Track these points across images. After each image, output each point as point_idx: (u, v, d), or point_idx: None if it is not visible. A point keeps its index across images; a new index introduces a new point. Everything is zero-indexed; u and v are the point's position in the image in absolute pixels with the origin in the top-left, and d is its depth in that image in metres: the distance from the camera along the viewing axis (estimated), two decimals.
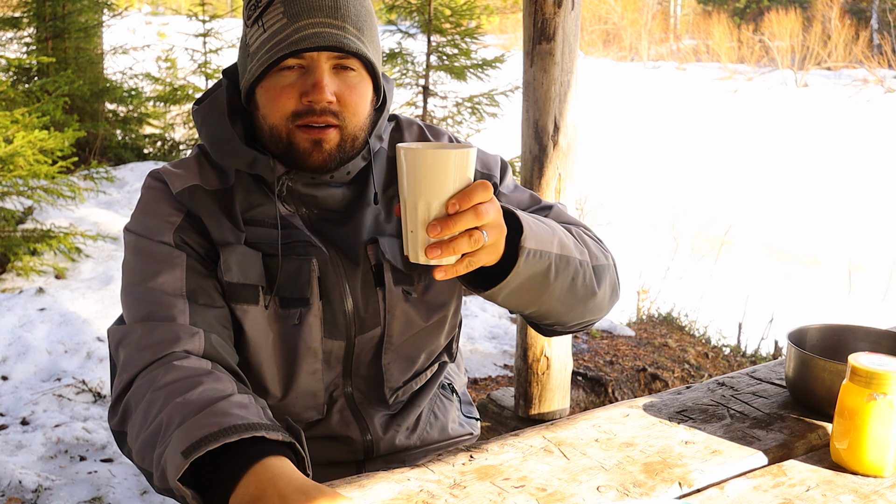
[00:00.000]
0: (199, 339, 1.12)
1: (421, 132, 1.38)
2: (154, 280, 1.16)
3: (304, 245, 1.23)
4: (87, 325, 3.70)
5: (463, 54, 5.71)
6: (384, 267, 1.26)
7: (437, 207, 1.01)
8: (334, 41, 1.15)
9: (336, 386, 1.27)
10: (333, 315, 1.24)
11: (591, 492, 1.01)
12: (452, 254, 1.02)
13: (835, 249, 6.73)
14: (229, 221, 1.22)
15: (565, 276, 1.19)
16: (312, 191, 1.25)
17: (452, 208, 1.00)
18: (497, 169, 1.38)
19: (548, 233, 1.16)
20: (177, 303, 1.15)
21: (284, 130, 1.19)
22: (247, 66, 1.22)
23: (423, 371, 1.34)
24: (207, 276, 1.20)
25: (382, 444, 1.29)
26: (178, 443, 0.93)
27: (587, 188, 6.50)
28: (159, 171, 1.26)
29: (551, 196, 2.59)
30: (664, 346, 4.03)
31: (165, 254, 1.18)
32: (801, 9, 21.34)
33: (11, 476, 2.56)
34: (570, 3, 2.51)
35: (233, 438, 0.91)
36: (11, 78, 6.28)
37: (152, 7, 27.93)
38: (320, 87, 1.15)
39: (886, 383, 1.03)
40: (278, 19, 1.16)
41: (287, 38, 1.15)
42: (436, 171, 1.00)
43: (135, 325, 1.14)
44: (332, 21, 1.16)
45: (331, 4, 1.16)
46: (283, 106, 1.18)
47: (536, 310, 1.22)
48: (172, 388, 1.02)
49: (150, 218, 1.22)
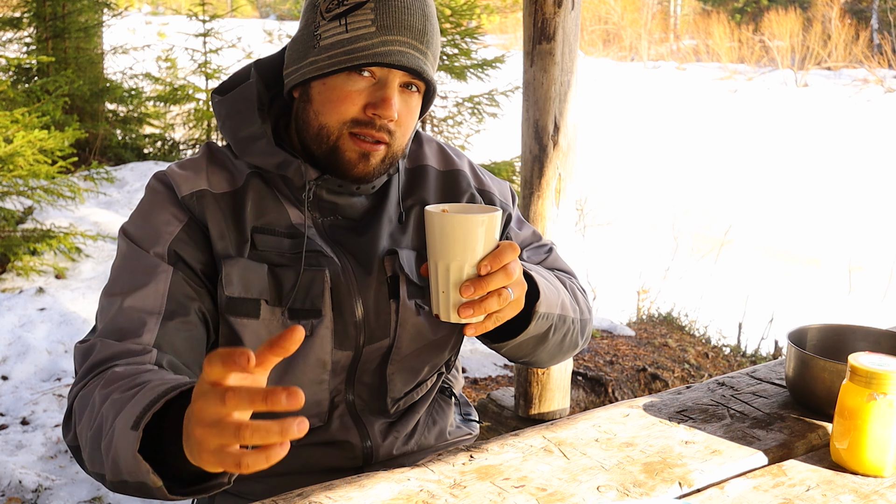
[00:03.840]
0: (151, 356, 1.09)
1: (441, 151, 1.38)
2: (133, 296, 1.14)
3: (316, 255, 1.21)
4: (87, 325, 3.70)
5: (463, 54, 5.71)
6: (400, 279, 1.25)
7: (468, 269, 1.05)
8: (416, 65, 1.16)
9: (338, 392, 1.26)
10: (344, 326, 1.22)
11: (591, 492, 1.01)
12: (483, 313, 1.06)
13: (835, 249, 6.73)
14: (235, 229, 1.20)
15: (560, 333, 1.26)
16: (334, 198, 1.24)
17: (485, 270, 1.04)
18: (509, 199, 1.42)
19: (555, 295, 1.22)
20: (148, 321, 1.12)
21: (336, 134, 1.17)
22: (308, 57, 1.18)
23: (425, 381, 1.33)
24: (191, 298, 1.16)
25: (381, 450, 1.29)
26: (123, 425, 0.91)
27: (587, 188, 6.50)
28: (165, 173, 1.23)
29: (551, 196, 2.59)
30: (664, 346, 4.03)
31: (153, 266, 1.16)
32: (801, 9, 21.34)
33: (11, 476, 2.56)
34: (570, 2, 2.51)
35: (173, 394, 0.90)
36: (11, 78, 6.29)
37: (152, 7, 27.94)
38: (389, 104, 1.15)
39: (886, 383, 1.03)
40: (366, 25, 1.14)
41: (373, 48, 1.14)
42: (467, 236, 1.04)
43: (95, 342, 1.12)
44: (417, 44, 1.16)
45: (420, 28, 1.16)
46: (345, 110, 1.16)
47: (526, 359, 1.29)
48: (111, 388, 1.01)
49: (148, 224, 1.19)
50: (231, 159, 1.25)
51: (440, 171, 1.35)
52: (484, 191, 1.38)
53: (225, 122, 1.24)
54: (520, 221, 1.44)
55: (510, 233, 1.40)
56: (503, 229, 1.39)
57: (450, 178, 1.35)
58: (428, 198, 1.32)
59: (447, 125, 6.02)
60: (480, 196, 1.36)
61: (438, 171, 1.35)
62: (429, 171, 1.34)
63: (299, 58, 1.20)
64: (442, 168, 1.36)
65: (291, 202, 1.24)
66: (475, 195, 1.35)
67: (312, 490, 1.01)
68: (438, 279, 1.06)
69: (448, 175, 1.35)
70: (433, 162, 1.36)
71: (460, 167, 1.37)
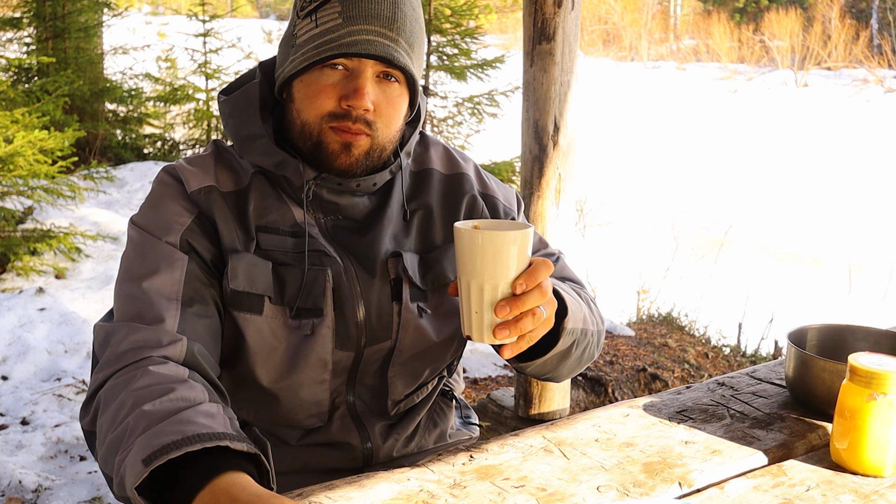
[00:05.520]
0: (182, 346, 1.08)
1: (446, 154, 1.37)
2: (150, 280, 1.13)
3: (319, 255, 1.21)
4: (87, 324, 3.70)
5: (463, 54, 5.71)
6: (403, 282, 1.25)
7: (503, 288, 1.02)
8: (385, 52, 1.15)
9: (339, 393, 1.26)
10: (346, 326, 1.22)
11: (591, 492, 1.01)
12: (519, 332, 1.04)
13: (835, 249, 6.73)
14: (241, 227, 1.20)
15: (581, 347, 1.25)
16: (335, 198, 1.24)
17: (520, 288, 1.02)
18: (514, 204, 1.40)
19: (579, 309, 1.21)
20: (168, 306, 1.12)
21: (317, 129, 1.18)
22: (289, 57, 1.20)
23: (426, 384, 1.33)
24: (207, 285, 1.17)
25: (382, 452, 1.29)
26: (139, 450, 0.89)
27: (587, 188, 6.50)
28: (174, 167, 1.24)
29: (551, 196, 2.59)
30: (664, 346, 4.03)
31: (167, 254, 1.16)
32: (801, 9, 21.34)
33: (11, 476, 2.56)
34: (570, 2, 2.51)
35: (195, 447, 0.88)
36: (11, 78, 6.28)
37: (152, 7, 27.93)
38: (361, 94, 1.15)
39: (886, 383, 1.03)
40: (333, 18, 1.15)
41: (339, 39, 1.14)
42: (502, 254, 1.01)
43: (119, 325, 1.11)
44: (386, 32, 1.16)
45: (389, 15, 1.16)
46: (321, 104, 1.17)
47: (548, 375, 1.27)
48: (142, 393, 0.99)
49: (159, 215, 1.19)
50: (237, 158, 1.26)
51: (444, 174, 1.35)
52: (488, 195, 1.36)
53: (228, 121, 1.25)
54: None
55: None
56: None
57: (453, 182, 1.34)
58: (431, 201, 1.31)
59: (447, 125, 6.02)
60: (483, 201, 1.35)
61: (443, 175, 1.34)
62: (433, 174, 1.33)
63: (283, 59, 1.23)
64: (446, 171, 1.35)
65: (295, 201, 1.24)
66: (477, 198, 1.34)
67: (312, 490, 1.01)
68: (471, 299, 1.03)
69: (452, 178, 1.34)
70: (438, 165, 1.35)
71: (465, 171, 1.36)
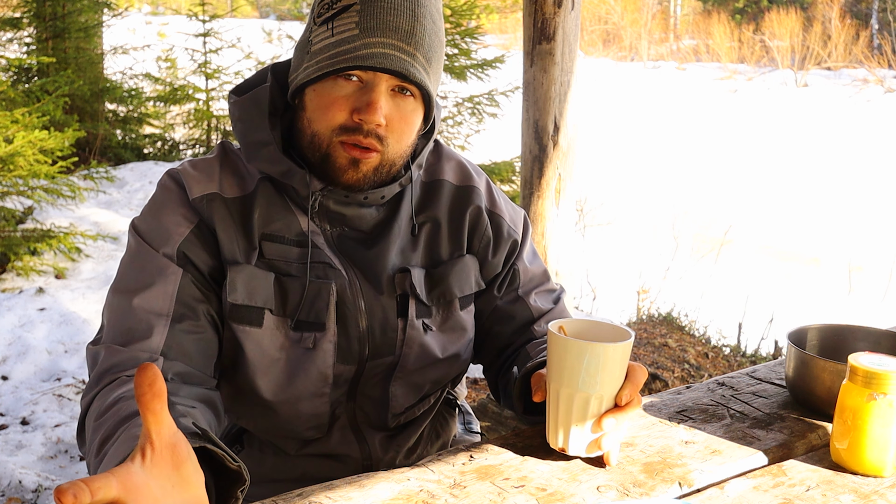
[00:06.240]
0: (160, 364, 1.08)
1: (460, 166, 1.33)
2: (142, 295, 1.12)
3: (323, 267, 1.19)
4: (87, 325, 3.70)
5: (463, 54, 5.71)
6: (409, 298, 1.23)
7: (608, 400, 1.01)
8: (401, 67, 1.11)
9: (339, 404, 1.24)
10: (348, 341, 1.20)
11: (591, 492, 1.01)
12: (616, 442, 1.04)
13: (835, 249, 6.74)
14: (244, 236, 1.18)
15: None
16: (342, 209, 1.21)
17: (626, 399, 1.02)
18: (521, 228, 1.36)
19: None
20: (157, 322, 1.11)
21: (326, 142, 1.15)
22: (303, 63, 1.17)
23: (428, 397, 1.32)
24: (200, 300, 1.15)
25: (382, 464, 1.28)
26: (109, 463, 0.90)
27: (587, 188, 6.50)
28: (178, 171, 1.21)
29: (551, 196, 2.59)
30: (664, 346, 4.03)
31: (162, 267, 1.14)
32: (801, 9, 21.34)
33: (11, 476, 2.56)
34: (570, 3, 2.51)
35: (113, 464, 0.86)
36: (11, 78, 6.28)
37: (152, 7, 27.92)
38: (374, 108, 1.11)
39: (886, 383, 1.03)
40: (350, 28, 1.12)
41: (355, 51, 1.11)
42: (617, 366, 1.00)
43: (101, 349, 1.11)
44: (404, 46, 1.12)
45: (407, 29, 1.12)
46: (333, 116, 1.13)
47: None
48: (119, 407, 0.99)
49: (159, 223, 1.17)
50: (244, 162, 1.23)
51: (455, 185, 1.31)
52: (494, 213, 1.33)
53: (236, 124, 1.23)
54: (533, 255, 1.38)
55: (518, 265, 1.35)
56: (512, 257, 1.35)
57: (462, 194, 1.31)
58: (440, 214, 1.28)
59: (447, 125, 6.02)
60: (489, 218, 1.32)
61: (454, 186, 1.31)
62: (444, 185, 1.30)
63: (297, 65, 1.19)
64: (457, 183, 1.32)
65: (302, 210, 1.21)
66: (482, 213, 1.31)
67: (312, 490, 1.01)
68: (573, 411, 1.00)
69: (462, 190, 1.31)
70: (450, 177, 1.32)
71: (476, 184, 1.32)
